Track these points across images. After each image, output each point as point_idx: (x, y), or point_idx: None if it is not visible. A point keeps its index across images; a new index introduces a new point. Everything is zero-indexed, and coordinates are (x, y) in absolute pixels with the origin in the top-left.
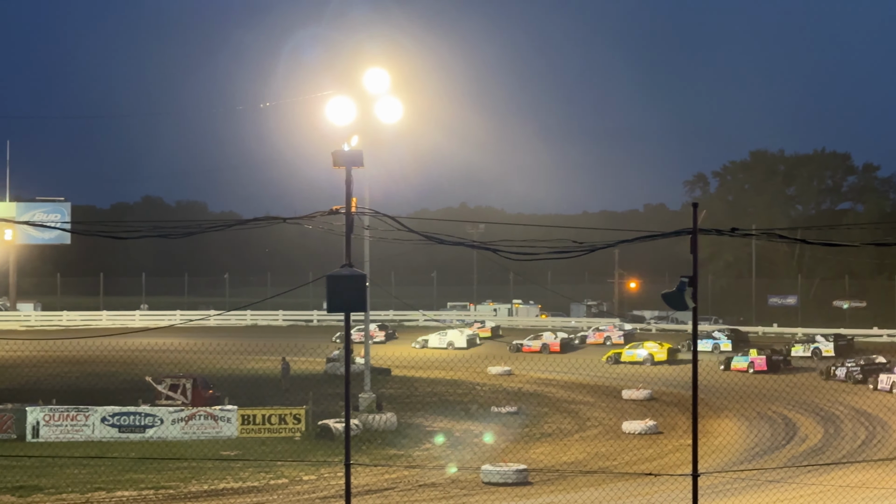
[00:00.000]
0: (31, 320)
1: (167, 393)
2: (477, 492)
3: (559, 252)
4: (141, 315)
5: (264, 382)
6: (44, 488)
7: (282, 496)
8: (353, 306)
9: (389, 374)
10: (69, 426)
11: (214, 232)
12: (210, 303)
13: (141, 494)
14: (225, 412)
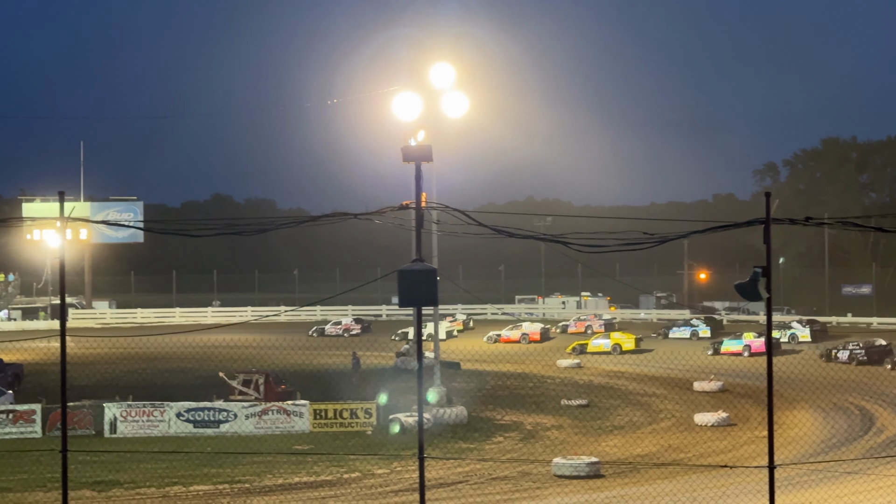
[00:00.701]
0: (106, 318)
1: (240, 388)
2: (549, 485)
3: (630, 244)
4: (213, 312)
5: (335, 377)
6: (122, 483)
7: (355, 490)
8: (424, 301)
9: (459, 367)
10: (145, 422)
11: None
12: (280, 299)
13: (217, 488)
14: (297, 407)
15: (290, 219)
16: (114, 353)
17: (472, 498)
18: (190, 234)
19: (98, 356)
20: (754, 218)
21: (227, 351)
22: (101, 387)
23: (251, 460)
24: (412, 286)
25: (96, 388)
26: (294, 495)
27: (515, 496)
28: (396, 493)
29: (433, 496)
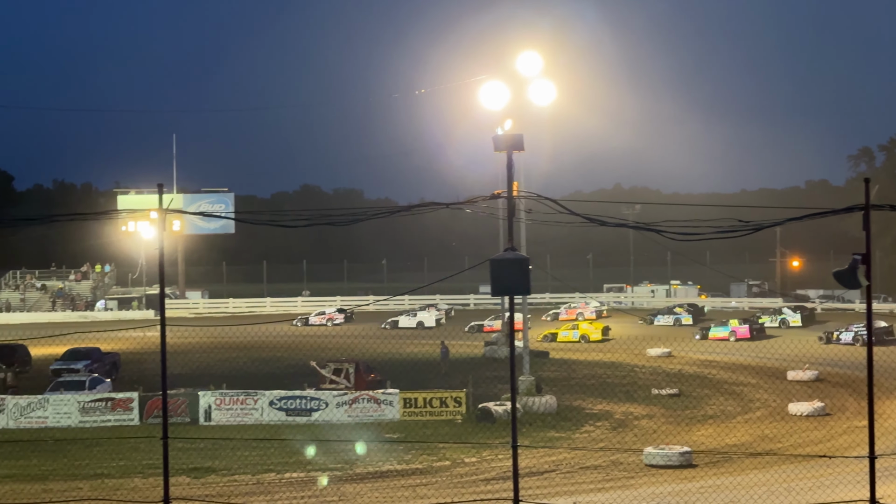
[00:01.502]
0: (199, 308)
1: (331, 377)
2: (640, 474)
3: (724, 231)
4: (303, 301)
5: (424, 366)
6: (217, 470)
7: (445, 478)
8: (516, 289)
9: (547, 356)
10: (239, 410)
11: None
12: (368, 288)
13: (309, 476)
14: (387, 395)
15: (382, 208)
16: (207, 343)
17: (562, 487)
18: (283, 224)
19: (192, 345)
20: (853, 204)
21: (317, 340)
22: (196, 375)
23: (342, 448)
24: (504, 275)
25: (191, 376)
26: (385, 483)
27: (607, 485)
28: (487, 482)
29: (524, 484)
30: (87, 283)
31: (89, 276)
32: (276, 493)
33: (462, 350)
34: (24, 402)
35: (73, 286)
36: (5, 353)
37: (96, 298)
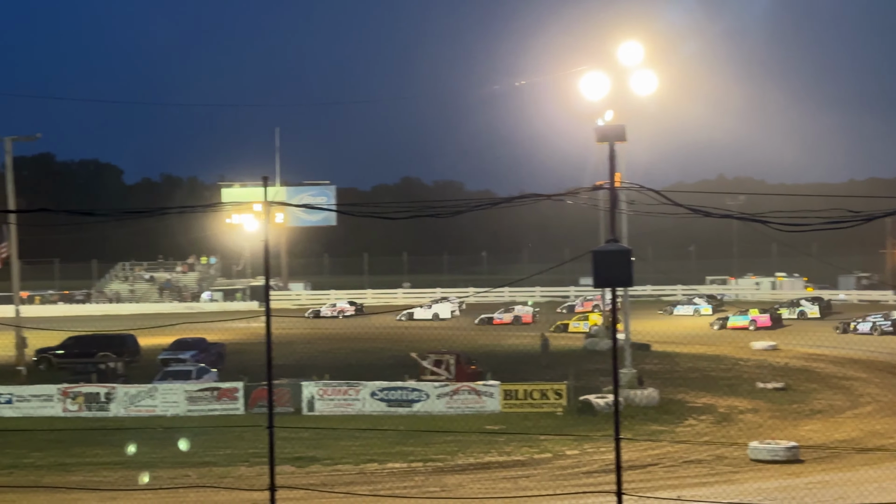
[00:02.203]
0: (301, 299)
1: (432, 368)
2: (745, 469)
3: (834, 222)
4: (403, 293)
5: (524, 358)
6: (320, 459)
7: (546, 470)
8: (619, 281)
9: (649, 349)
10: (341, 400)
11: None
12: (468, 280)
13: (411, 466)
14: (488, 387)
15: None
16: (310, 334)
17: (665, 481)
18: (384, 216)
19: (295, 336)
20: None
21: (417, 331)
22: (300, 366)
23: (444, 439)
24: (607, 267)
25: (295, 367)
26: (486, 474)
27: (710, 479)
28: (588, 475)
29: (626, 478)
30: (194, 274)
31: (195, 268)
32: (378, 482)
33: (562, 342)
34: (134, 390)
35: (180, 278)
36: (115, 343)
37: (202, 290)
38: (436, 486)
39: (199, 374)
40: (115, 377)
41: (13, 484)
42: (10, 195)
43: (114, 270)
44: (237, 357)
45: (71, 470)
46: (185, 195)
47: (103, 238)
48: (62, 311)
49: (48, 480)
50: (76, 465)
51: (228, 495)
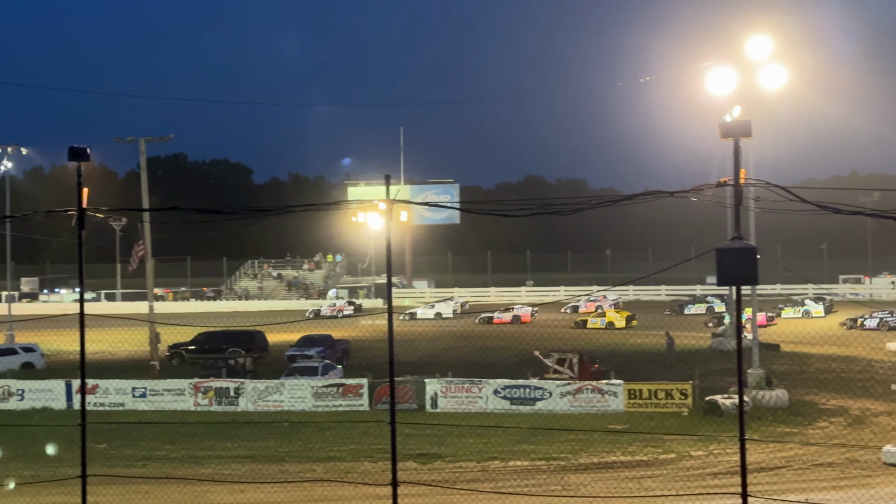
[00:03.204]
0: (425, 297)
1: (555, 367)
2: (878, 473)
3: None
4: (526, 291)
5: (649, 358)
6: (443, 456)
7: (671, 471)
8: (743, 279)
9: (778, 349)
10: (464, 397)
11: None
12: (592, 278)
13: (533, 464)
14: (611, 386)
15: (605, 197)
16: (433, 331)
17: (794, 483)
18: (507, 213)
19: (419, 333)
20: None
21: (540, 330)
22: (423, 363)
23: (566, 438)
24: (731, 264)
25: (418, 364)
26: (610, 474)
27: (841, 483)
28: (714, 476)
29: (753, 480)
30: (320, 272)
31: (321, 266)
32: (501, 480)
33: (688, 342)
34: (262, 386)
35: (307, 275)
36: (244, 340)
37: (328, 287)
38: (558, 485)
39: (324, 371)
40: (244, 373)
41: (147, 475)
42: (144, 194)
43: (243, 268)
44: (362, 354)
45: (202, 462)
46: (311, 194)
47: (233, 236)
48: (194, 308)
49: (180, 472)
50: (207, 458)
51: (353, 490)
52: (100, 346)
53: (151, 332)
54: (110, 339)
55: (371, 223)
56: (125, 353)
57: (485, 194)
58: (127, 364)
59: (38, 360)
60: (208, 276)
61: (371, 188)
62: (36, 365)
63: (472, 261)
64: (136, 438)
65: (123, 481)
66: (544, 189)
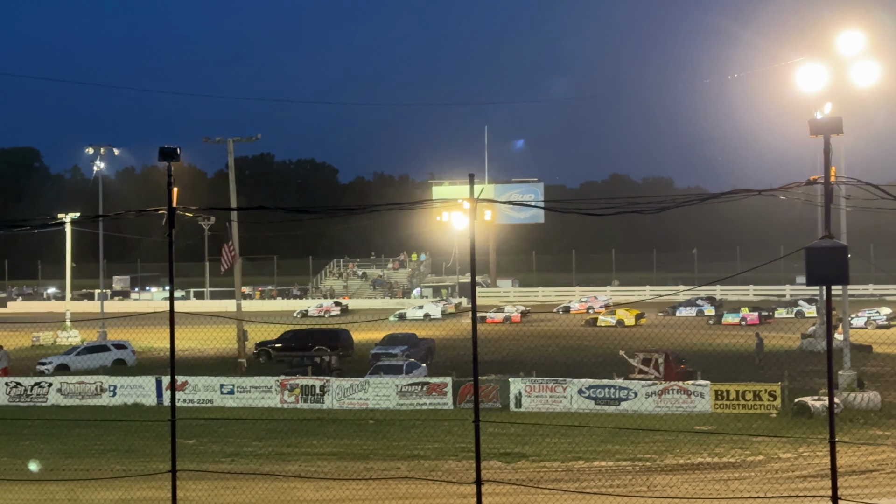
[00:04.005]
0: (509, 296)
1: (640, 367)
2: None
3: None
4: (611, 291)
5: (736, 358)
6: (527, 455)
7: (759, 473)
8: (833, 279)
9: (870, 351)
10: (548, 397)
11: (679, 208)
12: (678, 278)
13: (618, 465)
14: (698, 387)
15: (691, 196)
16: (517, 331)
17: (887, 487)
18: (591, 212)
19: (503, 333)
20: None
21: (625, 329)
22: (507, 362)
23: (652, 438)
24: (820, 264)
25: (502, 363)
26: (696, 475)
27: None
28: (804, 479)
29: (844, 483)
30: (404, 271)
31: (406, 265)
32: (585, 480)
33: (778, 342)
34: (347, 384)
35: (391, 274)
36: (330, 338)
37: (412, 286)
38: (643, 486)
39: (409, 369)
40: (330, 370)
41: (235, 471)
42: (232, 194)
43: (329, 267)
44: (446, 353)
45: (288, 459)
46: (396, 193)
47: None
48: (280, 306)
49: (267, 468)
50: (293, 455)
51: (437, 487)
52: (189, 343)
53: (239, 330)
54: (199, 337)
55: (455, 222)
56: (213, 351)
57: (569, 193)
58: (215, 361)
59: (130, 357)
60: (294, 274)
61: (455, 187)
62: (127, 362)
63: (556, 260)
64: (223, 435)
65: (212, 476)
66: (629, 188)
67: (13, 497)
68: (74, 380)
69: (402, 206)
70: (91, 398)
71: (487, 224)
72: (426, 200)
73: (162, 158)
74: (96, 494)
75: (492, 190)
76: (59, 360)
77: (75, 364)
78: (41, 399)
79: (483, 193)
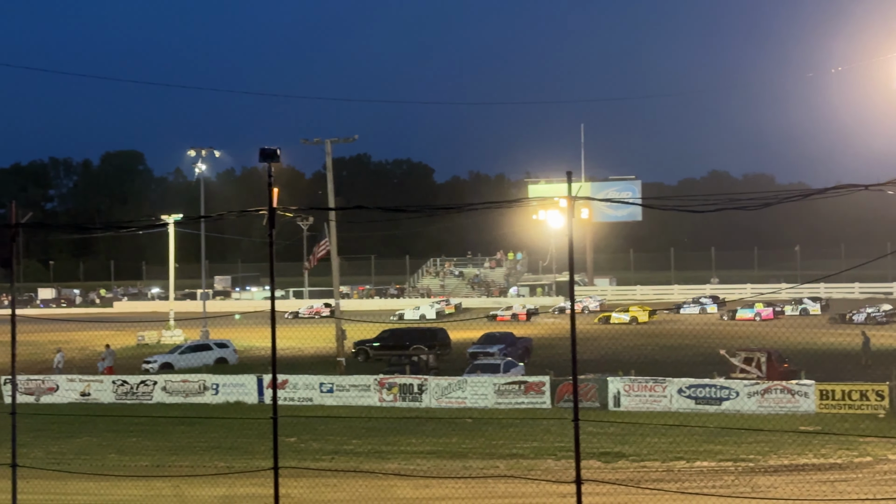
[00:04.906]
0: (606, 295)
1: (741, 366)
2: None
3: None
4: (711, 289)
5: (842, 357)
6: (627, 455)
7: (867, 475)
8: None
9: None
10: (647, 396)
11: (781, 204)
12: (780, 276)
13: (720, 465)
14: (802, 387)
15: (794, 192)
16: (615, 330)
17: None
18: (690, 209)
19: (600, 332)
20: None
21: (725, 328)
22: (605, 361)
23: (754, 439)
24: None
25: (600, 362)
26: (800, 477)
27: None
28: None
29: None
30: (501, 270)
31: (502, 264)
32: (686, 481)
33: (887, 341)
34: (445, 382)
35: (488, 273)
36: (427, 337)
37: (509, 285)
38: (747, 487)
39: (506, 368)
40: (427, 369)
41: (335, 468)
42: (330, 194)
43: (425, 266)
44: (543, 352)
45: (387, 457)
46: (491, 192)
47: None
48: (377, 305)
49: (366, 466)
50: (392, 453)
51: (535, 487)
52: (288, 342)
53: (337, 330)
54: (298, 336)
55: (551, 221)
56: (312, 350)
57: (667, 190)
58: (314, 360)
59: (231, 356)
60: (391, 274)
61: (551, 185)
62: (229, 360)
63: (653, 258)
64: (323, 433)
65: (312, 474)
66: (729, 184)
67: (121, 493)
68: (178, 378)
69: (499, 205)
70: (194, 396)
71: (584, 222)
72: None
73: (262, 159)
74: (201, 490)
75: (588, 188)
76: (164, 358)
77: (179, 363)
78: (146, 397)
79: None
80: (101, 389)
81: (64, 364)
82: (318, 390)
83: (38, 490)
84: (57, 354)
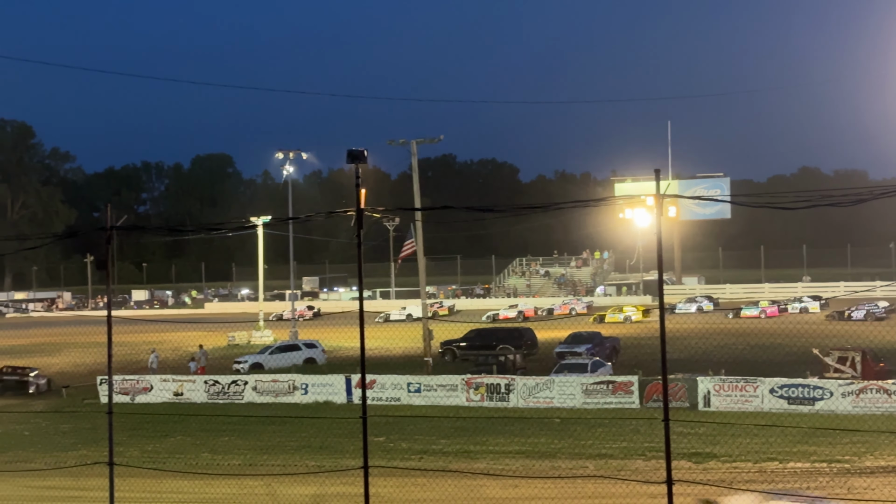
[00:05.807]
0: (695, 293)
1: (835, 365)
2: None
3: None
4: (803, 287)
5: None
6: (717, 455)
7: None
8: None
9: None
10: (738, 396)
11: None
12: (875, 273)
13: (814, 466)
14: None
15: (889, 187)
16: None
17: None
18: (781, 206)
19: (691, 331)
20: None
21: (819, 327)
22: (694, 360)
23: (849, 440)
24: None
25: (689, 361)
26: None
27: None
28: None
29: None
30: (587, 269)
31: (589, 263)
32: (779, 482)
33: None
34: (532, 382)
35: (574, 272)
36: (514, 336)
37: (596, 284)
38: (842, 488)
39: (594, 368)
40: (515, 369)
41: (424, 467)
42: (416, 195)
43: (511, 265)
44: (631, 351)
45: (475, 457)
46: (577, 191)
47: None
48: (464, 305)
49: (455, 466)
50: (480, 453)
51: (625, 487)
52: (376, 342)
53: (425, 330)
54: (386, 336)
55: (638, 219)
56: (400, 350)
57: (757, 188)
58: (402, 360)
59: (320, 356)
60: (478, 273)
61: (638, 184)
62: (317, 360)
63: (743, 257)
64: (412, 432)
65: (401, 473)
66: (820, 181)
67: (214, 491)
68: (268, 378)
69: (585, 204)
70: (284, 396)
71: (672, 220)
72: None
73: (350, 161)
74: (292, 489)
75: (676, 186)
76: (254, 359)
77: (269, 363)
78: (237, 397)
79: (667, 189)
80: (193, 389)
81: (158, 364)
82: (406, 390)
83: (135, 488)
84: (151, 355)
